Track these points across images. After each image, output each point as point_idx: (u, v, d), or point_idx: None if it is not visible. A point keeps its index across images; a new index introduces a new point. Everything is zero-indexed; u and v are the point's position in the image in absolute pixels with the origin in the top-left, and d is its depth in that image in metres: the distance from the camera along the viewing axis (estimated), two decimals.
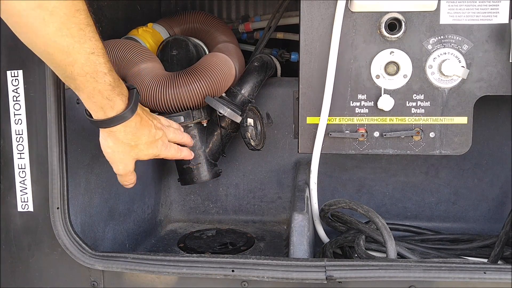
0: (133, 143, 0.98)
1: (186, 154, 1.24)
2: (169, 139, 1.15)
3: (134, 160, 1.03)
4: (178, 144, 1.20)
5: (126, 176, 1.06)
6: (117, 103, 0.91)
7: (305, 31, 1.19)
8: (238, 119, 1.34)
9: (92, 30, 0.81)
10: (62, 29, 0.77)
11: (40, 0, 0.73)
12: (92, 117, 0.94)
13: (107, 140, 0.97)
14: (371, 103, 1.21)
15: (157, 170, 1.65)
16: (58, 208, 1.01)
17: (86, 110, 0.95)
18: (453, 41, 1.18)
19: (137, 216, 1.49)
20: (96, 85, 0.85)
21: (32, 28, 0.76)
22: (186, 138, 1.25)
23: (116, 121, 0.92)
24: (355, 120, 1.22)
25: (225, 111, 1.32)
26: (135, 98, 0.94)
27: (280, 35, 1.78)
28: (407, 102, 1.21)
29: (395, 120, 1.22)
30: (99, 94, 0.87)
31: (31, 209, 1.03)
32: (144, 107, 1.08)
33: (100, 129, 0.96)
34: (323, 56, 1.19)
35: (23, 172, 1.02)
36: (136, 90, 0.96)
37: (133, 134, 0.97)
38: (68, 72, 0.83)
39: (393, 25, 1.18)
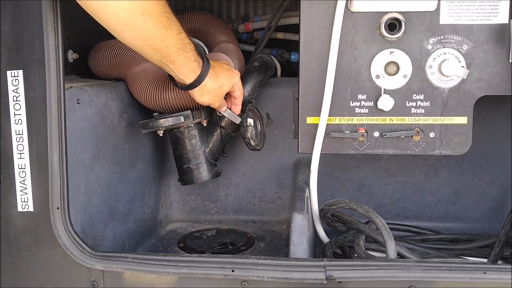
0: (219, 84, 1.19)
1: None
2: None
3: (224, 95, 1.24)
4: None
5: (222, 105, 1.27)
6: (200, 61, 1.13)
7: (305, 31, 1.19)
8: (237, 120, 1.34)
9: (173, 16, 1.02)
10: (158, 24, 0.99)
11: (142, 6, 0.95)
12: (182, 85, 1.16)
13: (203, 94, 1.18)
14: (371, 103, 1.21)
15: (157, 170, 1.65)
16: (58, 208, 1.01)
17: (176, 83, 1.18)
18: (453, 41, 1.18)
19: (137, 216, 1.49)
20: (186, 54, 1.08)
21: (137, 30, 0.98)
22: None
23: (205, 74, 1.14)
24: (355, 120, 1.22)
25: (224, 111, 1.32)
26: (202, 52, 1.15)
27: (280, 35, 1.78)
28: (407, 102, 1.21)
29: (395, 120, 1.22)
30: (190, 60, 1.09)
31: (31, 209, 1.03)
32: None
33: (194, 90, 1.16)
34: (323, 56, 1.19)
35: (23, 172, 1.02)
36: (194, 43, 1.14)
37: (216, 78, 1.17)
38: (164, 53, 1.05)
39: (393, 25, 1.18)
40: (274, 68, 1.65)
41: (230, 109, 1.31)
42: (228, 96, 1.29)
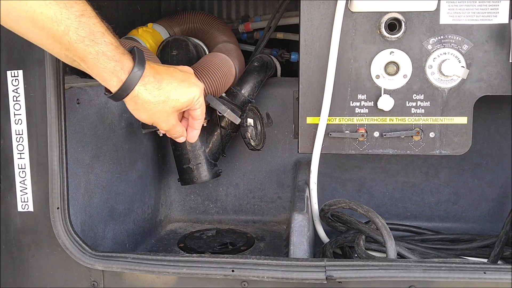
0: (163, 98, 0.89)
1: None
2: None
3: (175, 113, 0.94)
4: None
5: (173, 130, 0.97)
6: (126, 62, 0.85)
7: (305, 31, 1.19)
8: (237, 120, 1.34)
9: None
10: None
11: None
12: (111, 93, 0.88)
13: (138, 109, 0.90)
14: (371, 103, 1.21)
15: (157, 170, 1.65)
16: (58, 208, 1.01)
17: (105, 90, 0.90)
18: (453, 41, 1.18)
19: (137, 216, 1.49)
20: (98, 48, 0.81)
21: (15, 7, 0.74)
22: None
23: (133, 81, 0.85)
24: (355, 120, 1.22)
25: (224, 111, 1.32)
26: (138, 52, 0.87)
27: (280, 35, 1.78)
28: (407, 102, 1.21)
29: (395, 120, 1.22)
30: (104, 56, 0.82)
31: (31, 209, 1.03)
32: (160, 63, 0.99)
33: (126, 101, 0.89)
34: (323, 56, 1.19)
35: (23, 172, 1.02)
36: (136, 47, 0.89)
37: (158, 89, 0.88)
38: (65, 43, 0.78)
39: (393, 25, 1.18)
40: (274, 68, 1.66)
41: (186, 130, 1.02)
42: (186, 114, 1.01)
